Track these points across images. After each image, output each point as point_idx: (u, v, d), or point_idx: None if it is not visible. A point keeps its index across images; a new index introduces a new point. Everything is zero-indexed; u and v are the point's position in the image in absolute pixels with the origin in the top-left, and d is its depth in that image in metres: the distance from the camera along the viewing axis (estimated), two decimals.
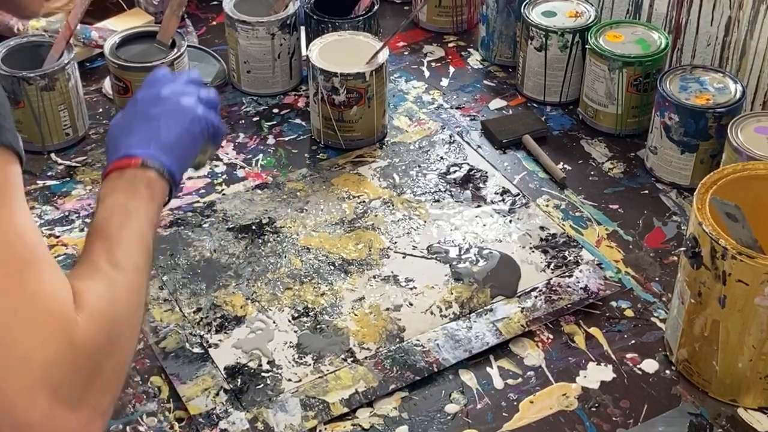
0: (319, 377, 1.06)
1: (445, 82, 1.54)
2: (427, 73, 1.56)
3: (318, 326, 1.12)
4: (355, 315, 1.13)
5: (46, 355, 0.67)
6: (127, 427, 1.02)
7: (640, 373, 1.08)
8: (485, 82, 1.54)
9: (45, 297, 0.69)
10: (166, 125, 0.93)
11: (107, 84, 1.48)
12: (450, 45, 1.63)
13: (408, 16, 1.56)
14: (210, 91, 1.00)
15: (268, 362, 1.08)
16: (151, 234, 0.86)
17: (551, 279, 1.18)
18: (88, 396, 0.69)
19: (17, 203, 0.71)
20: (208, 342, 1.10)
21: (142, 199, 0.87)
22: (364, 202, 1.30)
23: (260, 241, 1.23)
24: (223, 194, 1.32)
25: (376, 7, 1.51)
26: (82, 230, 1.26)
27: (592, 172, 1.36)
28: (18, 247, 0.69)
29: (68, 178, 1.35)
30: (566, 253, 1.21)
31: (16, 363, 0.66)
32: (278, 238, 1.24)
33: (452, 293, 1.16)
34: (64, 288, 0.71)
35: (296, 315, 1.14)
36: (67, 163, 1.37)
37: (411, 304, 1.15)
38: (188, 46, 1.43)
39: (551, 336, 1.12)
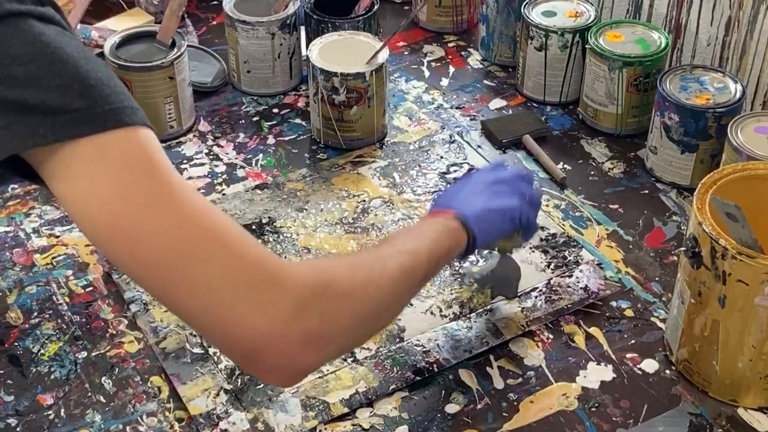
0: (319, 377, 1.06)
1: (445, 82, 1.54)
2: (427, 73, 1.56)
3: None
4: None
5: (251, 286, 0.77)
6: (127, 427, 1.02)
7: (640, 373, 1.08)
8: (485, 82, 1.54)
9: (246, 245, 0.79)
10: (486, 201, 1.04)
11: None
12: (450, 45, 1.63)
13: (408, 16, 1.56)
14: (537, 191, 1.12)
15: None
16: (431, 260, 0.94)
17: (551, 279, 1.18)
18: (298, 324, 0.78)
19: (172, 174, 0.79)
20: (208, 342, 1.10)
21: (439, 234, 0.98)
22: (364, 201, 1.30)
23: (260, 240, 1.24)
24: (223, 194, 1.32)
25: (376, 7, 1.51)
26: None
27: (592, 172, 1.36)
28: (206, 225, 0.78)
29: None
30: (566, 253, 1.21)
31: (222, 291, 0.77)
32: (278, 238, 1.24)
33: (452, 293, 1.16)
34: (264, 248, 0.82)
35: None
36: None
37: (411, 304, 1.15)
38: (188, 46, 1.43)
39: (551, 336, 1.12)
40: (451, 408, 1.04)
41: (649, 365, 1.09)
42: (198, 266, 0.76)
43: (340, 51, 1.38)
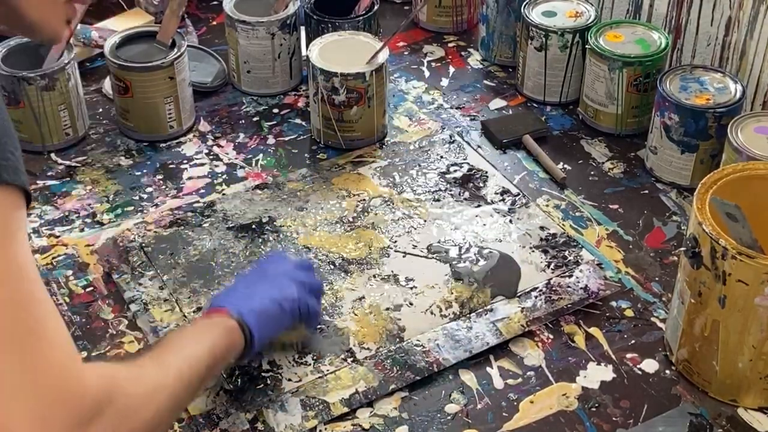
0: (319, 377, 1.06)
1: (445, 82, 1.54)
2: (427, 73, 1.56)
3: (318, 326, 1.12)
4: (355, 315, 1.13)
5: (40, 396, 0.70)
6: None
7: (640, 373, 1.08)
8: (485, 82, 1.54)
9: (46, 340, 0.72)
10: (260, 295, 1.02)
11: (107, 84, 1.48)
12: (450, 45, 1.63)
13: (408, 16, 1.56)
14: (314, 279, 1.10)
15: (268, 362, 1.08)
16: (209, 362, 0.92)
17: (551, 279, 1.18)
18: None
19: (22, 246, 0.74)
20: None
21: (215, 335, 0.96)
22: (364, 200, 1.30)
23: (260, 240, 1.23)
24: (223, 194, 1.32)
25: (376, 7, 1.51)
26: (82, 230, 1.26)
27: (592, 172, 1.36)
28: (20, 292, 0.72)
29: (68, 178, 1.35)
30: (566, 253, 1.21)
31: (9, 399, 0.69)
32: (278, 238, 1.24)
33: (452, 293, 1.16)
34: (68, 338, 0.75)
35: None
36: (67, 163, 1.37)
37: (411, 304, 1.15)
38: (188, 46, 1.43)
39: (551, 336, 1.12)
40: (451, 408, 1.04)
41: (649, 365, 1.09)
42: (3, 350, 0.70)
43: (340, 51, 1.38)
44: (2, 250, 0.72)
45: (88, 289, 1.18)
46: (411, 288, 1.17)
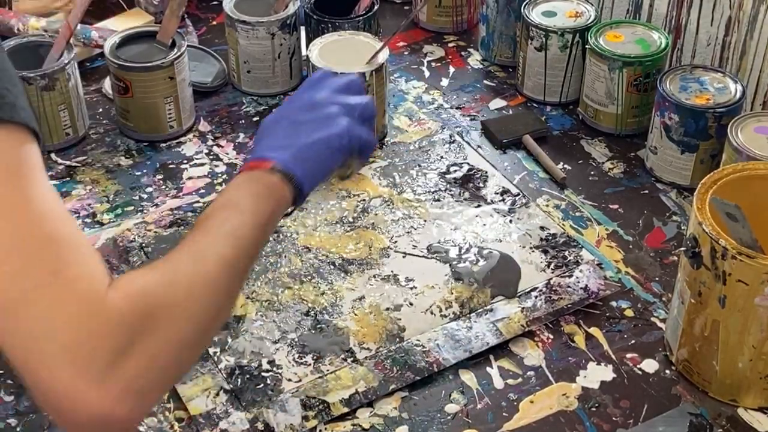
0: (319, 377, 1.06)
1: (445, 82, 1.54)
2: (427, 73, 1.56)
3: (318, 326, 1.12)
4: (355, 315, 1.13)
5: (68, 332, 0.67)
6: None
7: (640, 373, 1.08)
8: (485, 82, 1.54)
9: (69, 277, 0.69)
10: (306, 135, 0.91)
11: (107, 84, 1.48)
12: (450, 45, 1.63)
13: (408, 16, 1.56)
14: (366, 100, 0.98)
15: (268, 362, 1.08)
16: (256, 234, 0.83)
17: (551, 279, 1.18)
18: (116, 373, 0.68)
19: (37, 184, 0.70)
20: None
21: (258, 199, 0.85)
22: (364, 200, 1.30)
23: None
24: None
25: (376, 7, 1.51)
26: (82, 230, 1.25)
27: (592, 172, 1.36)
28: (40, 229, 0.69)
29: (68, 178, 1.35)
30: (566, 253, 1.21)
31: (39, 341, 0.67)
32: (278, 238, 1.24)
33: (452, 293, 1.16)
34: (94, 268, 0.71)
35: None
36: (67, 163, 1.37)
37: (411, 304, 1.15)
38: (188, 46, 1.43)
39: (551, 336, 1.12)
40: (451, 408, 1.04)
41: (649, 365, 1.09)
42: (27, 289, 0.68)
43: (340, 51, 1.38)
44: (15, 185, 0.69)
45: None
46: (411, 288, 1.17)
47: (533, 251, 1.22)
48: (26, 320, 0.68)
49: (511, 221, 1.27)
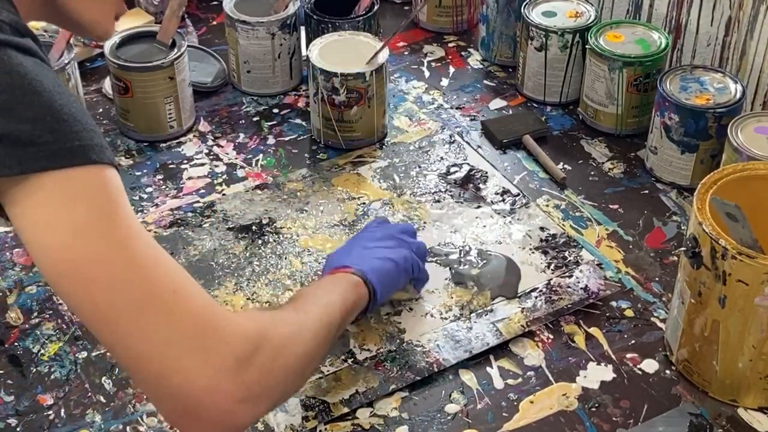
0: (320, 377, 1.06)
1: (445, 82, 1.54)
2: (427, 73, 1.56)
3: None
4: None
5: (197, 339, 0.77)
6: (127, 427, 1.02)
7: (640, 373, 1.08)
8: (485, 82, 1.54)
9: (183, 295, 0.78)
10: (377, 254, 1.06)
11: (107, 84, 1.48)
12: (450, 45, 1.63)
13: (408, 16, 1.56)
14: (421, 242, 1.15)
15: None
16: (342, 313, 0.96)
17: (551, 279, 1.18)
18: (242, 375, 0.78)
19: (130, 217, 0.79)
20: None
21: (344, 288, 1.00)
22: (364, 203, 1.30)
23: (260, 241, 1.24)
24: (223, 194, 1.32)
25: (376, 7, 1.51)
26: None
27: (592, 172, 1.36)
28: (158, 273, 0.78)
29: None
30: (566, 254, 1.21)
31: (172, 347, 0.77)
32: (278, 239, 1.24)
33: (452, 297, 1.16)
34: (198, 288, 0.81)
35: None
36: None
37: (411, 309, 1.15)
38: (188, 46, 1.43)
39: (551, 336, 1.12)
40: (451, 408, 1.04)
41: (649, 365, 1.09)
42: (144, 315, 0.76)
43: (340, 51, 1.38)
44: (116, 221, 0.77)
45: None
46: None
47: (533, 252, 1.22)
48: (152, 328, 0.76)
49: (511, 222, 1.26)
